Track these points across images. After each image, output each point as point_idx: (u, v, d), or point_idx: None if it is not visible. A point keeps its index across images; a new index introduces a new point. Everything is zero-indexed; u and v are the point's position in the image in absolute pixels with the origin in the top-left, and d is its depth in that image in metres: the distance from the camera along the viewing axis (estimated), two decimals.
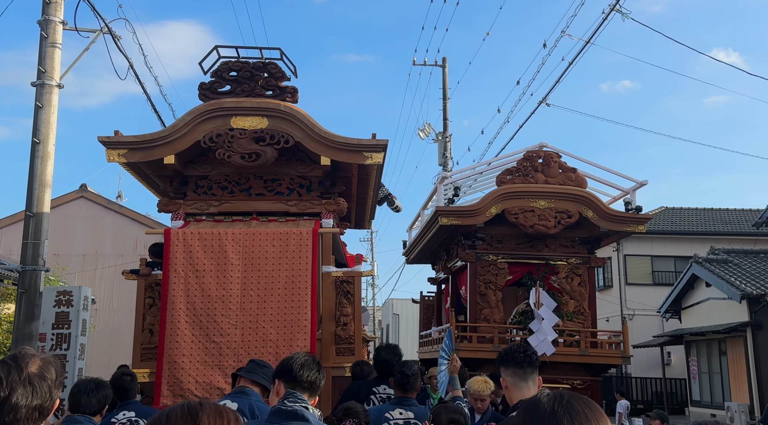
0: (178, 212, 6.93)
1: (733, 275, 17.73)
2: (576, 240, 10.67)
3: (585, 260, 10.64)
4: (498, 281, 10.48)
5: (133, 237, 21.80)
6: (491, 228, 10.57)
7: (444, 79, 23.53)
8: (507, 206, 10.14)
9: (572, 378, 10.23)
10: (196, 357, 6.19)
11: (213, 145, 6.59)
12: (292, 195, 7.01)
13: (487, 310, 10.40)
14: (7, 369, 1.75)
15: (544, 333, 9.98)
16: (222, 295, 6.32)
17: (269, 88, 6.88)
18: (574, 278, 10.50)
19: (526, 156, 10.24)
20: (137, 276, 6.82)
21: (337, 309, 6.77)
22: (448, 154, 22.63)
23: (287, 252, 6.43)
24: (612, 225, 10.10)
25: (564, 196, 10.09)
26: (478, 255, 10.58)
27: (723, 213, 24.46)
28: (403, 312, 34.44)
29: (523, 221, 10.06)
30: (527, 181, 10.19)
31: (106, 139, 6.58)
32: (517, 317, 10.32)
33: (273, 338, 6.27)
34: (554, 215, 10.08)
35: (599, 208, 10.05)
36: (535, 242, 10.65)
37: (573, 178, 10.16)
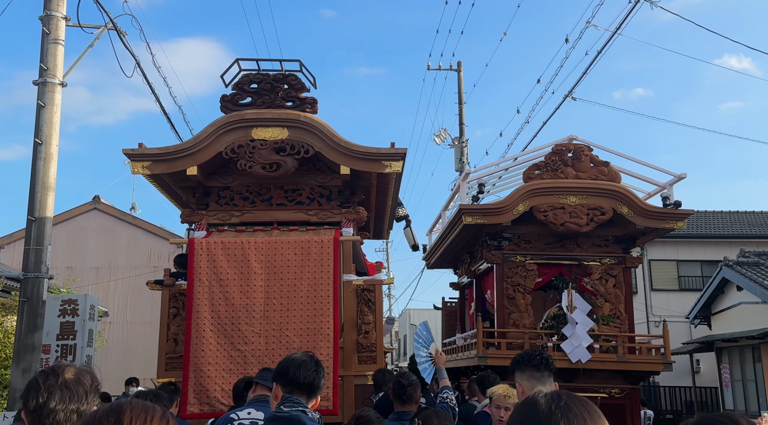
0: (200, 223, 6.93)
1: (766, 278, 16.86)
2: (609, 239, 9.93)
3: (620, 260, 9.89)
4: (527, 283, 9.75)
5: (146, 248, 21.28)
6: (518, 227, 9.86)
7: (459, 83, 22.93)
8: (535, 203, 9.43)
9: (609, 386, 9.46)
10: (222, 365, 6.23)
11: (234, 156, 6.59)
12: (312, 204, 6.99)
13: (515, 315, 9.67)
14: (45, 376, 1.85)
15: (578, 338, 9.23)
16: (246, 304, 6.33)
17: (289, 100, 6.88)
18: (608, 279, 9.75)
19: (555, 150, 9.54)
20: (161, 287, 6.80)
21: (359, 318, 6.70)
22: (465, 159, 21.97)
23: (309, 261, 6.42)
24: (649, 222, 9.36)
25: (596, 191, 9.37)
26: (505, 257, 9.87)
27: (749, 216, 23.54)
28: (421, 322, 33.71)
29: (553, 219, 9.35)
30: (556, 176, 9.48)
31: (130, 151, 6.59)
32: (548, 321, 9.58)
33: (296, 346, 6.20)
34: (586, 212, 9.36)
35: (635, 204, 9.31)
36: (565, 241, 9.92)
37: (605, 172, 9.44)
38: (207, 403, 6.23)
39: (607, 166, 9.49)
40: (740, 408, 18.43)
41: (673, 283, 22.59)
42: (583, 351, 9.21)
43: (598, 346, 9.33)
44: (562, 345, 9.26)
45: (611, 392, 9.44)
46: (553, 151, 9.55)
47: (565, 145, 9.53)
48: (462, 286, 12.68)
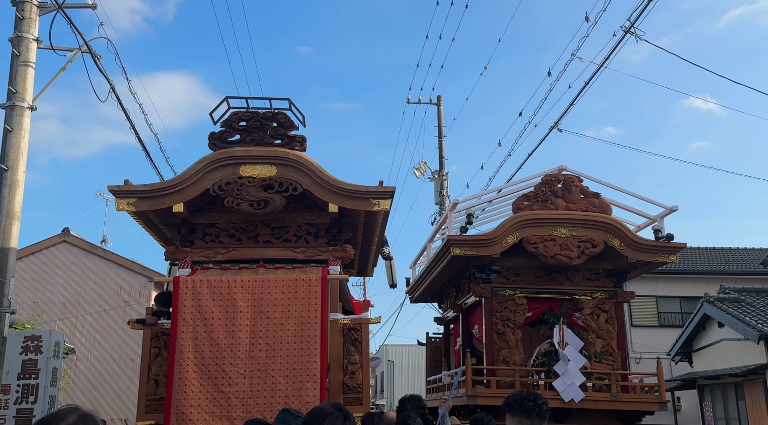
0: (185, 260, 6.77)
1: (748, 315, 16.68)
2: (600, 273, 9.61)
3: (611, 294, 9.56)
4: (516, 318, 9.35)
5: (116, 283, 20.48)
6: (507, 259, 9.50)
7: (439, 117, 22.84)
8: (525, 235, 9.10)
9: None
10: (204, 407, 6.04)
11: (222, 193, 6.51)
12: (299, 242, 6.91)
13: (505, 351, 9.24)
14: None
15: (570, 376, 8.83)
16: (230, 344, 6.18)
17: (278, 137, 6.85)
18: (600, 314, 9.40)
19: (545, 180, 9.26)
20: (143, 326, 6.60)
21: (345, 358, 6.60)
22: (445, 193, 21.74)
23: (296, 300, 6.32)
24: (641, 256, 9.07)
25: (587, 223, 9.08)
26: (494, 290, 9.48)
27: (726, 253, 23.55)
28: (399, 358, 32.90)
29: (544, 251, 9.02)
30: (546, 207, 9.18)
31: (115, 188, 6.47)
32: (539, 358, 9.16)
33: (282, 387, 6.09)
34: (577, 244, 9.04)
35: (627, 237, 9.03)
36: (555, 275, 9.58)
37: (596, 203, 9.17)
38: None
39: (597, 197, 9.22)
40: None
41: (652, 319, 22.38)
42: (576, 390, 8.79)
43: (591, 384, 8.93)
44: (554, 383, 8.84)
45: None
46: (542, 182, 9.27)
47: (554, 176, 9.25)
48: (447, 321, 12.24)
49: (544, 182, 9.24)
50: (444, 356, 12.19)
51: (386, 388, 33.98)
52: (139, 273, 20.47)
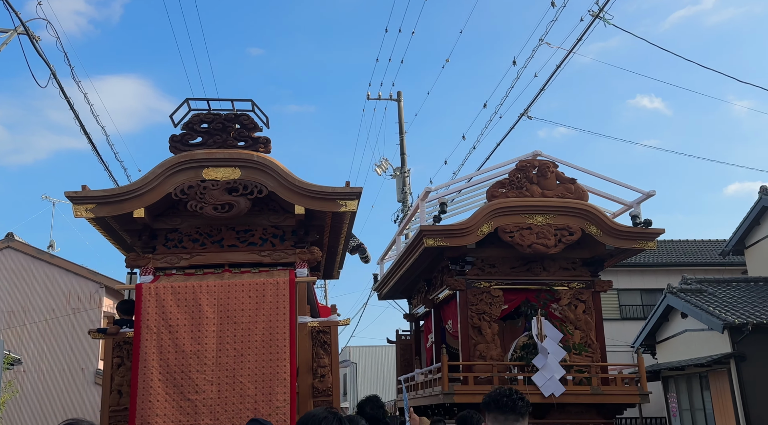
0: (147, 267, 6.61)
1: (711, 305, 16.68)
2: (577, 262, 9.26)
3: (588, 284, 9.21)
4: (493, 311, 8.92)
5: (65, 289, 19.37)
6: (482, 250, 9.07)
7: (400, 113, 22.41)
8: (501, 223, 8.68)
9: (583, 422, 8.67)
10: (171, 417, 5.87)
11: (185, 197, 6.34)
12: (265, 245, 6.78)
13: (482, 346, 8.80)
14: None
15: (550, 369, 8.43)
16: (197, 350, 6.00)
17: (241, 139, 6.68)
18: (577, 305, 9.04)
19: (519, 166, 8.86)
20: (105, 335, 6.42)
21: (314, 361, 6.48)
22: (407, 190, 21.33)
23: (264, 303, 6.17)
24: (619, 243, 8.74)
25: (564, 210, 8.71)
26: (469, 282, 9.03)
27: (685, 245, 23.73)
28: (362, 360, 32.33)
29: (520, 240, 8.61)
30: (522, 194, 8.78)
31: (73, 193, 6.25)
32: (517, 352, 8.75)
33: (251, 393, 5.95)
34: (554, 232, 8.66)
35: (604, 224, 8.69)
36: (531, 265, 9.19)
37: (572, 189, 8.81)
38: None
39: (573, 183, 8.86)
40: None
41: (614, 312, 22.36)
42: (556, 384, 8.40)
43: (572, 378, 8.56)
44: (533, 377, 8.44)
45: None
46: (517, 168, 8.87)
47: (529, 161, 8.86)
48: (417, 318, 11.75)
49: (518, 168, 8.84)
50: (415, 354, 11.70)
51: (349, 390, 33.37)
52: (89, 278, 19.41)
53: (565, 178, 8.87)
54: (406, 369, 11.63)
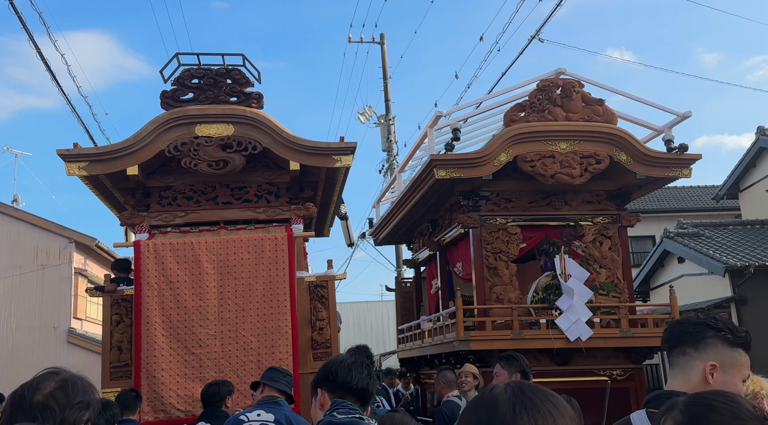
0: (142, 225, 6.55)
1: (710, 248, 16.06)
2: (601, 195, 8.31)
3: (614, 218, 8.30)
4: (510, 250, 7.97)
5: (32, 245, 17.98)
6: (497, 183, 8.07)
7: (383, 57, 21.12)
8: (520, 152, 7.67)
9: (610, 367, 7.84)
10: (176, 370, 5.99)
11: (178, 154, 6.24)
12: (260, 202, 6.75)
13: (498, 288, 7.87)
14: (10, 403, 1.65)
15: (576, 312, 7.55)
16: (198, 306, 6.11)
17: (233, 95, 6.58)
18: (603, 241, 8.13)
19: (541, 86, 7.80)
20: (103, 293, 6.43)
21: (312, 314, 6.54)
22: (393, 138, 20.24)
23: (263, 259, 6.24)
24: (651, 171, 7.80)
25: (591, 135, 7.72)
26: (483, 219, 8.05)
27: (674, 191, 23.08)
28: (345, 316, 31.51)
29: (542, 170, 7.62)
30: (544, 118, 7.75)
31: (65, 151, 6.13)
32: (539, 294, 7.84)
33: (254, 346, 6.08)
34: (579, 161, 7.69)
35: (635, 149, 7.72)
36: (552, 198, 8.22)
37: (600, 112, 7.80)
38: (162, 410, 5.92)
39: (601, 104, 7.84)
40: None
41: None
42: (583, 327, 7.54)
43: (599, 320, 7.70)
44: (557, 320, 7.56)
45: (612, 374, 7.83)
46: (538, 88, 7.81)
47: (551, 81, 7.81)
48: (418, 263, 10.79)
49: (540, 88, 7.78)
50: (416, 302, 10.78)
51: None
52: (57, 233, 18.04)
53: (592, 98, 7.85)
54: (407, 317, 10.71)
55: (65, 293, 17.56)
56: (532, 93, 7.78)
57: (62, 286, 17.63)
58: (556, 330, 7.54)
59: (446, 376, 6.23)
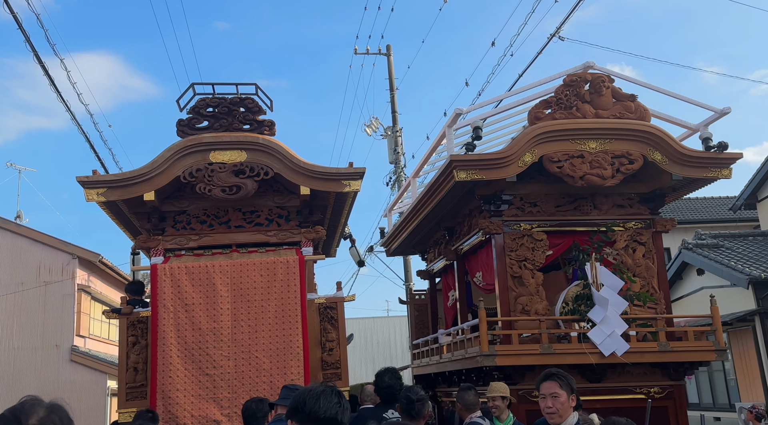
0: (157, 248, 6.66)
1: (731, 260, 15.33)
2: (633, 198, 7.65)
3: (647, 223, 7.62)
4: (536, 257, 7.30)
5: (35, 261, 17.36)
6: (521, 186, 7.43)
7: (390, 68, 20.60)
8: (546, 151, 7.03)
9: (647, 384, 7.14)
10: (191, 391, 6.09)
11: (193, 179, 6.40)
12: (271, 225, 6.87)
13: (524, 298, 7.19)
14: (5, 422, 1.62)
15: (610, 324, 6.86)
16: (213, 328, 6.22)
17: (247, 122, 6.71)
18: (636, 248, 7.46)
19: (568, 81, 7.17)
20: (119, 315, 6.50)
21: (322, 335, 6.63)
22: (400, 150, 19.66)
23: (276, 281, 6.37)
24: (688, 171, 7.14)
25: (623, 133, 7.08)
26: (506, 225, 7.40)
27: (688, 203, 22.38)
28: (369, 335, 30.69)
29: (570, 171, 6.98)
30: (572, 115, 7.12)
31: (84, 178, 6.30)
32: (568, 304, 7.16)
33: (266, 367, 6.19)
34: (610, 161, 7.05)
35: (671, 148, 7.07)
36: (580, 202, 7.57)
37: (632, 108, 7.16)
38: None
39: (633, 100, 7.21)
40: (706, 402, 16.82)
41: None
42: (619, 341, 6.84)
43: (634, 333, 7.01)
44: (589, 333, 6.88)
45: (650, 391, 7.13)
46: (565, 84, 7.18)
47: (579, 75, 7.18)
48: (433, 274, 10.11)
49: (566, 84, 7.16)
50: (431, 315, 10.09)
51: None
52: (60, 249, 17.45)
53: (624, 94, 7.21)
54: (422, 332, 10.01)
55: (68, 310, 16.94)
56: (559, 88, 7.16)
57: (65, 303, 17.01)
58: (589, 344, 6.85)
59: (464, 399, 5.61)
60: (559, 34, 9.12)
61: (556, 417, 3.76)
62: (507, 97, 7.87)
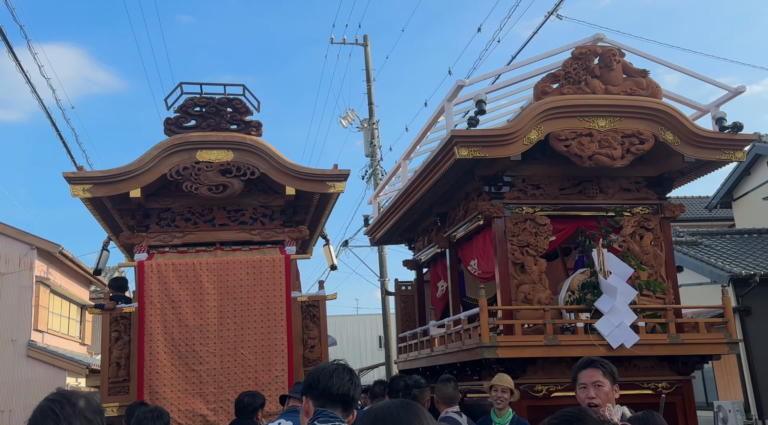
0: (141, 245, 6.68)
1: (711, 257, 15.11)
2: (641, 182, 7.17)
3: (655, 209, 7.14)
4: (539, 243, 6.75)
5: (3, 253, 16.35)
6: (523, 167, 6.88)
7: (367, 59, 20.00)
8: (553, 129, 6.50)
9: (654, 379, 6.66)
10: (177, 386, 6.16)
11: (180, 178, 6.42)
12: (255, 224, 6.92)
13: (526, 286, 6.64)
14: (59, 405, 1.77)
15: (619, 314, 6.36)
16: (199, 324, 6.29)
17: (234, 123, 6.77)
18: (644, 235, 6.97)
19: (576, 54, 6.65)
20: (103, 311, 6.51)
21: (304, 333, 6.71)
22: (377, 143, 19.06)
23: (261, 279, 6.44)
24: (701, 153, 6.68)
25: (634, 111, 6.58)
26: (507, 208, 6.85)
27: None
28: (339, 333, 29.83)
29: (578, 150, 6.45)
30: (580, 90, 6.59)
31: (70, 174, 6.30)
32: (574, 293, 6.64)
33: (251, 363, 6.27)
34: (620, 140, 6.55)
35: (684, 128, 6.60)
36: (585, 185, 7.05)
37: (644, 85, 6.67)
38: None
39: (645, 76, 6.71)
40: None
41: None
42: (628, 332, 6.34)
43: (643, 324, 6.52)
44: (596, 324, 6.36)
45: (657, 386, 6.65)
46: (573, 57, 6.65)
47: (588, 48, 6.66)
48: (421, 264, 9.50)
49: (575, 57, 6.63)
50: (417, 307, 9.48)
51: None
52: (17, 239, 16.37)
53: (635, 69, 6.71)
54: (409, 324, 9.40)
55: (25, 303, 15.89)
56: (567, 61, 6.64)
57: (22, 296, 15.96)
58: (597, 336, 6.34)
59: (442, 391, 5.18)
60: (558, 11, 8.62)
61: (599, 409, 3.27)
62: (507, 70, 7.31)
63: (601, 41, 6.82)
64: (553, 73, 6.60)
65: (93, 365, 16.16)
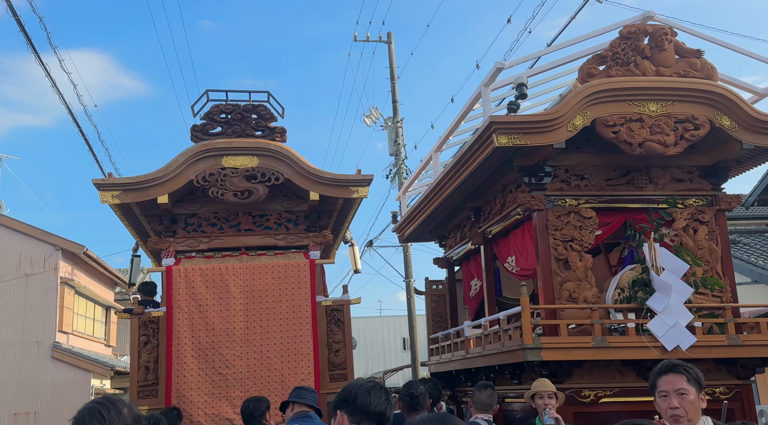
0: (168, 250, 6.70)
1: (751, 256, 14.41)
2: (693, 171, 6.62)
3: (710, 200, 6.60)
4: (584, 237, 6.24)
5: (15, 252, 16.05)
6: (566, 156, 6.37)
7: (391, 57, 19.58)
8: (600, 114, 5.99)
9: (711, 383, 6.10)
10: (204, 389, 6.18)
11: (206, 184, 6.47)
12: (279, 229, 6.95)
13: (571, 284, 6.13)
14: (107, 410, 1.88)
15: (673, 314, 5.83)
16: (226, 328, 6.33)
17: (259, 129, 6.82)
18: (698, 228, 6.43)
19: (625, 33, 6.13)
20: (131, 315, 6.52)
21: (329, 337, 6.72)
22: (401, 141, 18.61)
23: (287, 284, 6.49)
24: (761, 139, 6.11)
25: (688, 94, 6.04)
26: (550, 200, 6.35)
27: None
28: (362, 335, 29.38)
29: (627, 137, 5.93)
30: (629, 72, 6.07)
31: (100, 181, 6.38)
32: (624, 291, 6.11)
33: (277, 367, 6.30)
34: (673, 126, 6.02)
35: (743, 112, 6.04)
36: (633, 175, 6.52)
37: (698, 66, 6.13)
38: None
39: (699, 57, 6.17)
40: None
41: None
42: (684, 333, 5.80)
43: (700, 324, 5.98)
44: (649, 325, 5.83)
45: (714, 392, 6.09)
46: (621, 36, 6.13)
47: (638, 27, 6.14)
48: (452, 262, 9.02)
49: (623, 37, 6.11)
50: (449, 307, 9.00)
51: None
52: (42, 240, 16.18)
53: (688, 49, 6.18)
54: (440, 325, 8.92)
55: (50, 304, 15.68)
56: (614, 41, 6.12)
57: (47, 297, 15.75)
58: (650, 337, 5.81)
59: (478, 397, 4.91)
60: None
61: (684, 421, 2.83)
62: (547, 52, 6.82)
63: (651, 19, 6.30)
64: (600, 54, 6.09)
65: (118, 366, 15.91)
